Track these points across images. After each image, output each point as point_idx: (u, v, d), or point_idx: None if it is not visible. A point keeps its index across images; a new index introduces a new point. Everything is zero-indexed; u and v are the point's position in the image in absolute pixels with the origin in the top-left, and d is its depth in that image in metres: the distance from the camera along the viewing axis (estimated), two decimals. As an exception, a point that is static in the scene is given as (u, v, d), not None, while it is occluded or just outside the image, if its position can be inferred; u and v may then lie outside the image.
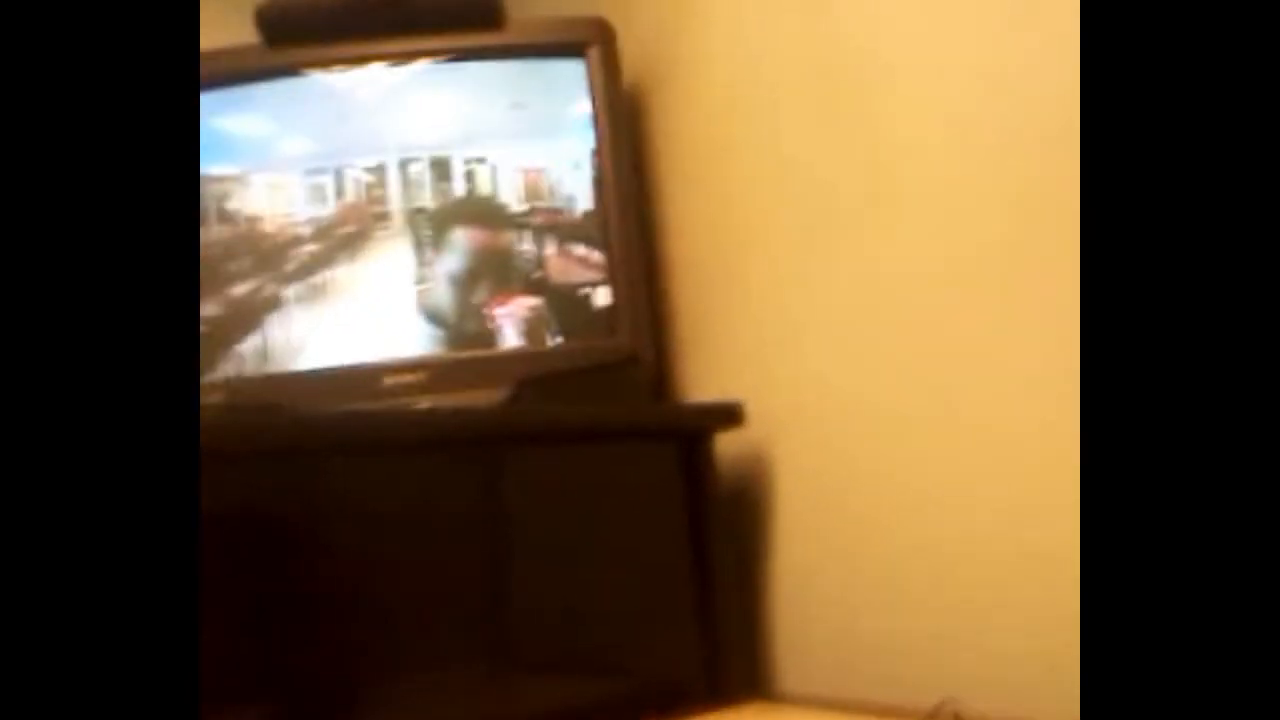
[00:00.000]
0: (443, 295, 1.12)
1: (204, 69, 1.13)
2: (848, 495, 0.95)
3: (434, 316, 1.11)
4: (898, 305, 0.90)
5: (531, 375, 1.07)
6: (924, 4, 0.87)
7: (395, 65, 1.14)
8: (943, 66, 0.85)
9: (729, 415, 1.01)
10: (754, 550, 1.05)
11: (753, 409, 1.02)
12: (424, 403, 1.06)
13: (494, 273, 1.12)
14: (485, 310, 1.11)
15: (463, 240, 1.13)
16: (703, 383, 1.14)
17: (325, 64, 1.13)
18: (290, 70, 1.12)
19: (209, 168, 1.13)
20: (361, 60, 1.13)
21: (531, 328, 1.11)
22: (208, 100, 1.12)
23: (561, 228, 1.13)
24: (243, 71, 1.14)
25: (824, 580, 0.97)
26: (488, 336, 1.11)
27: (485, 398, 1.05)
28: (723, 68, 1.10)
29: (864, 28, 0.93)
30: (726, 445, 1.03)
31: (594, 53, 1.14)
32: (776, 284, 1.04)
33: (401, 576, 0.93)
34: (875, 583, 0.92)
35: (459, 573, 0.94)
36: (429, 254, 1.12)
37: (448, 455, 0.96)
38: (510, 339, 1.11)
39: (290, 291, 1.11)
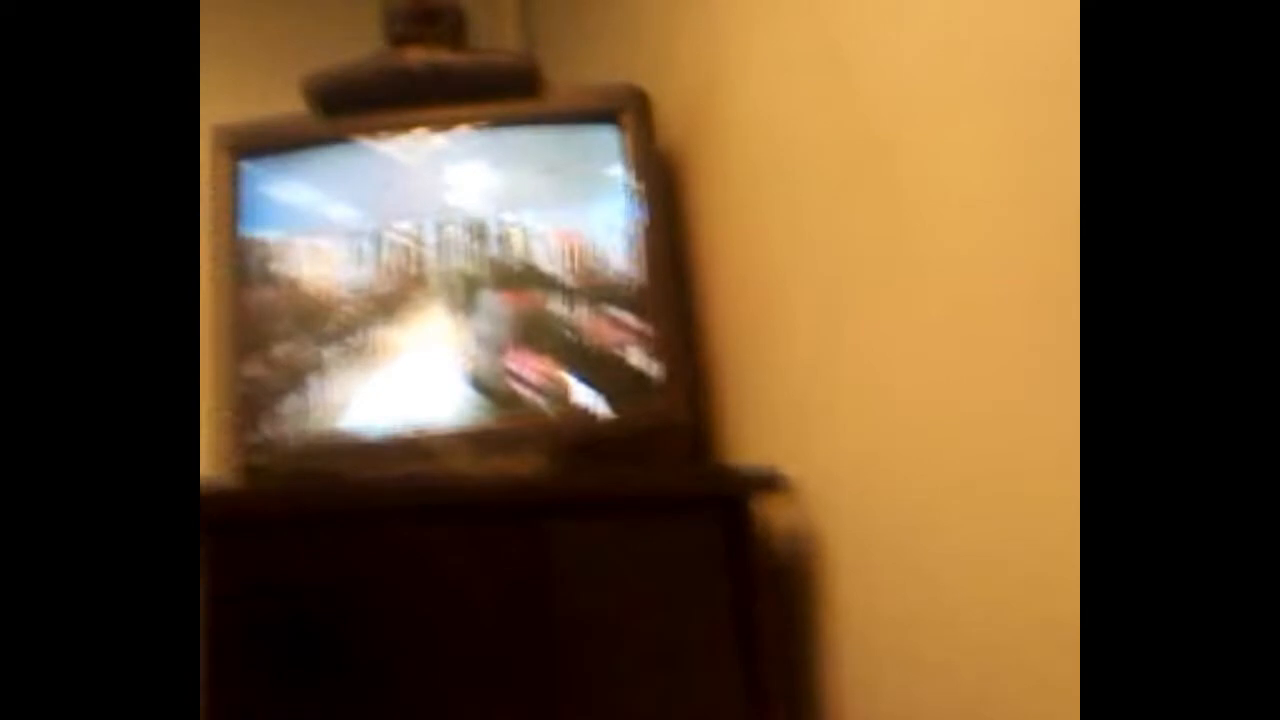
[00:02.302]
0: (481, 359, 1.13)
1: (253, 138, 1.15)
2: (893, 563, 0.95)
3: (473, 381, 1.12)
4: (927, 373, 0.90)
5: (573, 442, 1.08)
6: (942, 79, 0.88)
7: (436, 132, 1.16)
8: (960, 139, 0.86)
9: (769, 481, 1.02)
10: (804, 622, 1.04)
11: (796, 477, 1.02)
12: (464, 469, 1.07)
13: (531, 336, 1.13)
14: (522, 375, 1.12)
15: (499, 304, 1.14)
16: (745, 450, 1.14)
17: (369, 131, 1.15)
18: (336, 138, 1.15)
19: (256, 232, 1.15)
20: (404, 128, 1.15)
21: (570, 393, 1.12)
22: (257, 168, 1.14)
23: (598, 291, 1.14)
24: (290, 139, 1.16)
25: (880, 653, 0.96)
26: (526, 402, 1.12)
27: (526, 464, 1.06)
28: (752, 134, 1.12)
29: (885, 100, 0.94)
30: (773, 516, 1.04)
31: (628, 119, 1.16)
32: (814, 350, 1.04)
33: (441, 643, 0.94)
34: (933, 650, 0.90)
35: (500, 640, 0.95)
36: (465, 317, 1.14)
37: (490, 523, 0.97)
38: (548, 404, 1.12)
39: (331, 353, 1.12)
